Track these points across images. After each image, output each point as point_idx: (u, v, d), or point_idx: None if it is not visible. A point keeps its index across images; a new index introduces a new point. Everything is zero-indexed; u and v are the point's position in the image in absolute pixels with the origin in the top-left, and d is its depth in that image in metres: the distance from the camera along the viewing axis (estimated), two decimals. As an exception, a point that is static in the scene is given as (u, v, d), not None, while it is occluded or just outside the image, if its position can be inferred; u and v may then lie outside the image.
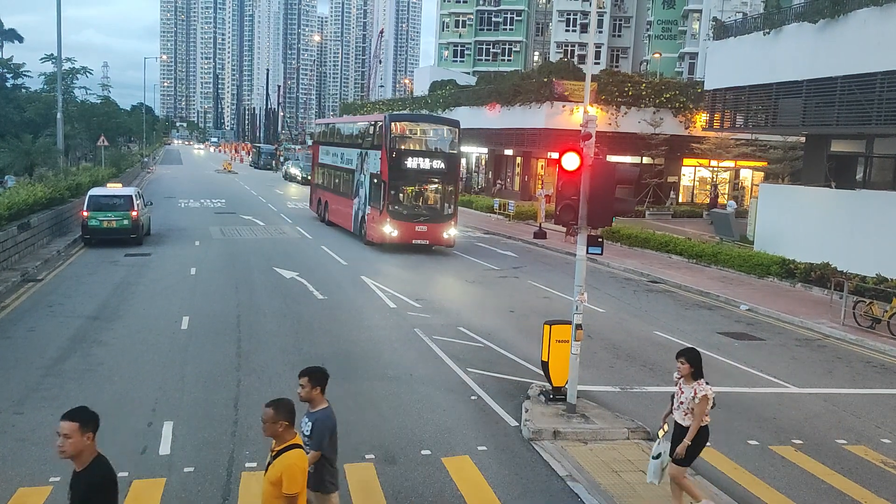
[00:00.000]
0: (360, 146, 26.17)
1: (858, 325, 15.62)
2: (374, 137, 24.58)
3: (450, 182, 23.82)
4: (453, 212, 23.76)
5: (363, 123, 27.80)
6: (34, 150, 34.23)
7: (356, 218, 26.09)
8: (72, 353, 11.71)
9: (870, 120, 19.77)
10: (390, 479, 7.78)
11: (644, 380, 11.72)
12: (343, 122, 34.50)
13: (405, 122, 25.64)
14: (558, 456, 8.48)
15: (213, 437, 8.65)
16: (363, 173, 25.25)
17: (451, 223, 23.59)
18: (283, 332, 13.41)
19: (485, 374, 11.46)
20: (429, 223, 23.25)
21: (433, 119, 29.80)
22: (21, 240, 19.57)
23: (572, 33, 64.75)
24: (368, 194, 24.55)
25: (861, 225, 20.44)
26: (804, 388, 11.85)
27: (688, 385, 7.07)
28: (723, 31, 26.72)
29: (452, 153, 24.02)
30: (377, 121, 24.77)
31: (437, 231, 23.33)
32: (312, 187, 34.39)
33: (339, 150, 29.23)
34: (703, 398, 6.94)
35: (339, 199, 28.69)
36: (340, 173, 28.67)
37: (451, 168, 23.77)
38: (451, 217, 23.65)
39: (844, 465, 8.87)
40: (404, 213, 23.20)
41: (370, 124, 25.77)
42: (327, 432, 5.57)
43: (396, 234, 22.94)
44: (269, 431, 5.01)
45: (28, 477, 7.54)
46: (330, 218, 29.93)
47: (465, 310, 16.04)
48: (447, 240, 23.62)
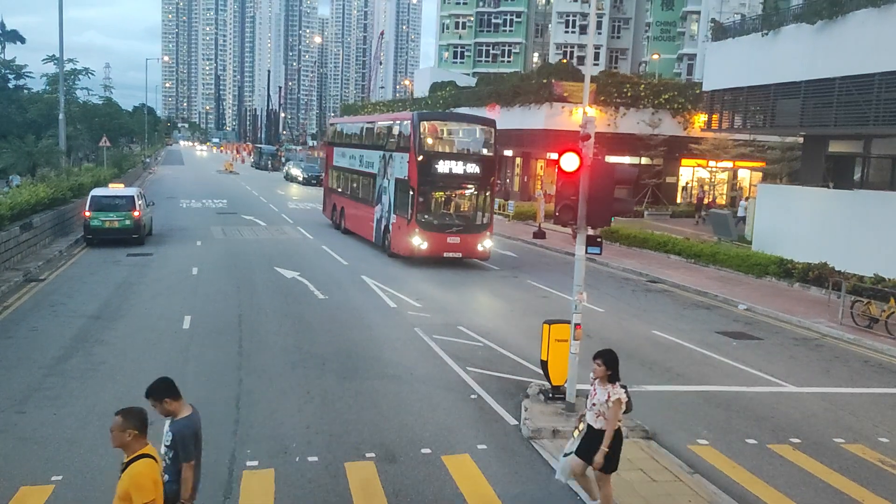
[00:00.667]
0: (382, 148, 23.87)
1: (856, 325, 15.68)
2: (399, 138, 22.33)
3: (485, 188, 21.49)
4: (488, 221, 21.52)
5: (386, 123, 25.06)
6: (36, 150, 34.25)
7: (378, 227, 23.84)
8: (74, 353, 11.78)
9: (868, 120, 19.84)
10: (390, 477, 7.85)
11: (643, 379, 11.78)
12: (362, 121, 31.46)
13: (436, 122, 22.95)
14: (557, 454, 8.53)
15: (214, 435, 8.68)
16: (387, 178, 22.99)
17: (487, 234, 21.37)
18: (284, 332, 13.47)
19: (484, 373, 11.52)
20: (462, 234, 21.05)
21: (466, 118, 26.38)
22: (23, 240, 19.64)
23: (571, 35, 64.80)
24: (393, 202, 22.23)
25: (859, 225, 20.49)
26: (802, 387, 11.91)
27: (602, 387, 6.94)
28: (721, 33, 26.79)
29: (488, 155, 21.55)
30: (403, 120, 22.50)
31: (471, 242, 21.11)
32: (326, 191, 31.79)
33: (357, 153, 26.82)
34: (617, 402, 6.83)
35: (357, 205, 26.31)
36: (359, 177, 26.28)
37: (486, 172, 21.33)
38: (487, 227, 21.42)
39: (842, 463, 8.93)
40: (435, 222, 20.97)
41: (395, 124, 23.48)
42: (190, 440, 5.37)
43: (426, 247, 20.69)
44: (116, 441, 4.80)
45: (30, 476, 7.60)
46: (347, 226, 27.60)
47: (465, 309, 16.11)
48: (482, 252, 21.37)
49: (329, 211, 30.74)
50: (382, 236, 23.36)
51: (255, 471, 7.87)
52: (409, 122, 21.54)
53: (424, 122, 21.65)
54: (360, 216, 25.88)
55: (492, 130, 21.79)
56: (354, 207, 26.74)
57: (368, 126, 27.39)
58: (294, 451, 8.34)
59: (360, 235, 26.15)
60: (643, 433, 9.29)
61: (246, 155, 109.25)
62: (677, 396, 11.04)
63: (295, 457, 8.21)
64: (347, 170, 27.90)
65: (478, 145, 21.94)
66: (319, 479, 7.76)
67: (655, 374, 12.14)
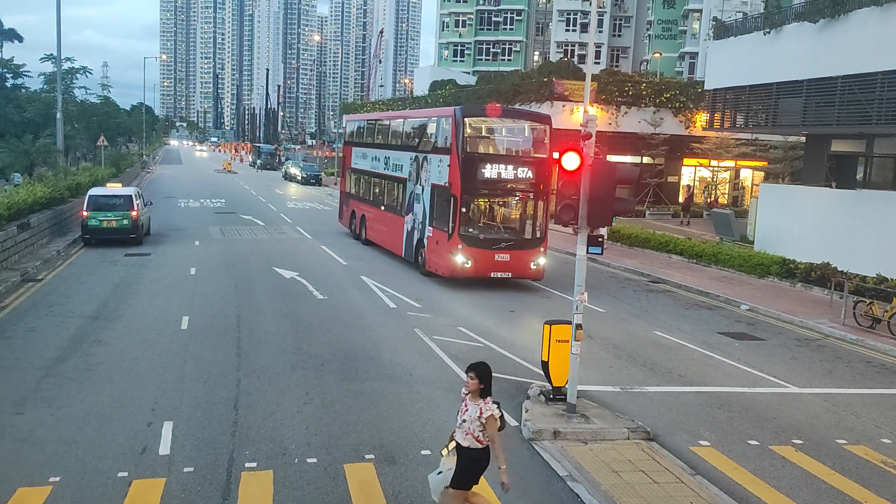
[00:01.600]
0: (414, 149, 20.87)
1: (859, 325, 15.61)
2: (437, 137, 19.44)
3: (539, 195, 18.36)
4: (543, 234, 18.52)
5: (419, 120, 22.09)
6: (34, 150, 34.19)
7: (409, 240, 20.79)
8: (71, 353, 11.70)
9: (870, 120, 19.76)
10: (390, 479, 7.78)
11: (644, 380, 11.72)
12: (387, 117, 27.32)
13: (482, 117, 19.68)
14: (558, 456, 8.48)
15: (212, 437, 8.65)
16: (420, 184, 20.01)
17: (540, 249, 18.40)
18: (282, 332, 13.40)
19: (485, 373, 11.43)
20: (512, 250, 18.03)
21: (518, 113, 22.45)
22: (21, 240, 19.56)
23: (572, 33, 64.73)
24: (429, 211, 19.23)
25: (861, 225, 20.42)
26: (804, 388, 11.84)
27: (474, 403, 6.42)
28: (723, 31, 26.71)
29: (542, 157, 18.39)
30: (442, 115, 19.49)
31: (523, 260, 18.07)
32: (343, 197, 28.42)
33: (382, 154, 23.69)
34: (491, 419, 6.33)
35: (382, 214, 23.37)
36: (384, 182, 23.29)
37: (540, 177, 18.24)
38: (541, 241, 18.45)
39: (845, 465, 8.87)
40: (481, 237, 18.08)
41: (431, 120, 20.55)
42: None
43: (471, 266, 17.74)
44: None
45: (28, 477, 7.53)
46: (369, 236, 24.70)
47: (465, 309, 16.04)
48: (534, 271, 18.31)
49: (347, 219, 27.61)
50: (415, 251, 20.35)
51: (253, 472, 7.80)
52: (449, 118, 18.56)
53: (469, 119, 18.55)
54: (386, 226, 23.02)
55: (546, 128, 18.68)
56: (378, 216, 23.89)
57: (396, 123, 24.09)
58: (293, 453, 8.28)
59: (384, 248, 23.38)
60: (644, 434, 9.22)
61: (244, 154, 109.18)
62: (679, 397, 10.97)
63: (294, 458, 8.14)
64: (370, 173, 24.93)
65: (531, 145, 19.06)
66: (318, 480, 7.69)
67: (657, 374, 12.07)
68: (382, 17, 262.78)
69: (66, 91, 40.86)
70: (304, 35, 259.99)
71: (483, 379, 6.45)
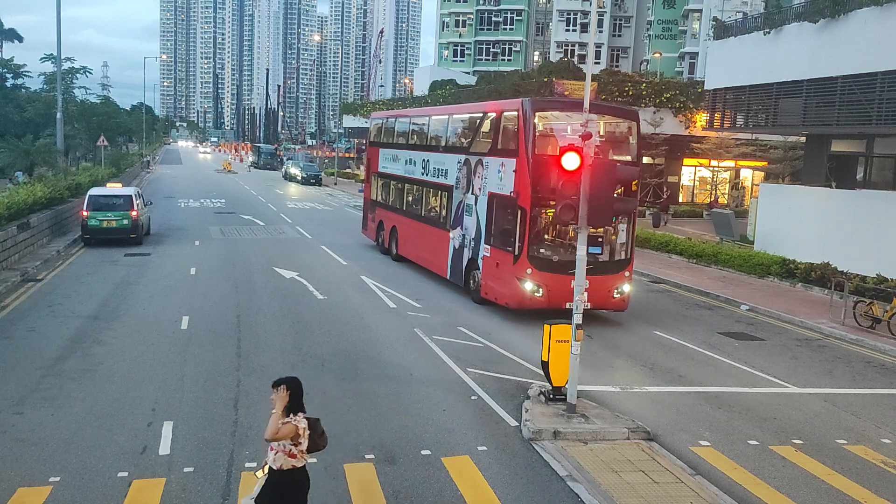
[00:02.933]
0: (464, 150, 17.74)
1: (859, 325, 15.61)
2: (497, 137, 16.14)
3: (626, 207, 14.92)
4: (629, 256, 15.42)
5: (470, 115, 18.82)
6: (34, 149, 34.18)
7: (457, 260, 17.57)
8: (71, 353, 11.70)
9: (870, 120, 19.75)
10: (390, 479, 7.78)
11: (644, 380, 11.72)
12: (427, 113, 23.62)
13: (558, 112, 16.20)
14: (558, 456, 8.48)
15: (212, 437, 8.65)
16: (472, 193, 16.83)
17: (626, 274, 15.26)
18: (282, 332, 13.40)
19: (485, 373, 11.45)
20: (592, 275, 13.31)
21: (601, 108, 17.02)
22: (21, 240, 19.56)
23: (572, 33, 64.73)
24: (486, 226, 16.07)
25: (861, 225, 20.42)
26: (804, 388, 11.84)
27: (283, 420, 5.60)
28: (723, 31, 26.70)
29: (631, 162, 15.36)
30: (506, 110, 16.10)
31: (605, 287, 14.66)
32: (368, 204, 25.07)
33: (420, 156, 20.39)
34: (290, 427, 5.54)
35: (420, 227, 20.18)
36: (423, 190, 20.25)
37: (628, 186, 15.08)
38: (626, 264, 15.32)
39: (845, 465, 8.86)
40: (555, 260, 14.75)
41: (487, 116, 17.18)
42: None
43: (542, 295, 14.56)
44: None
45: (28, 477, 7.53)
46: (402, 252, 21.56)
47: (465, 309, 16.03)
48: (617, 301, 15.15)
49: (373, 231, 24.26)
50: (465, 274, 17.10)
51: (253, 472, 7.79)
52: (515, 112, 15.38)
53: (542, 113, 15.42)
54: (424, 242, 19.81)
55: (633, 125, 15.74)
56: (414, 229, 20.66)
57: (439, 120, 20.45)
58: (293, 453, 8.26)
59: (421, 266, 20.24)
60: (644, 434, 9.22)
61: (244, 154, 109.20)
62: (679, 397, 10.97)
63: (294, 458, 8.13)
64: (403, 178, 21.71)
65: (618, 147, 15.89)
66: (318, 480, 7.66)
67: (657, 374, 12.07)
68: (382, 16, 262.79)
69: (66, 91, 40.87)
70: (305, 35, 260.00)
71: (294, 394, 5.61)
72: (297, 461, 5.63)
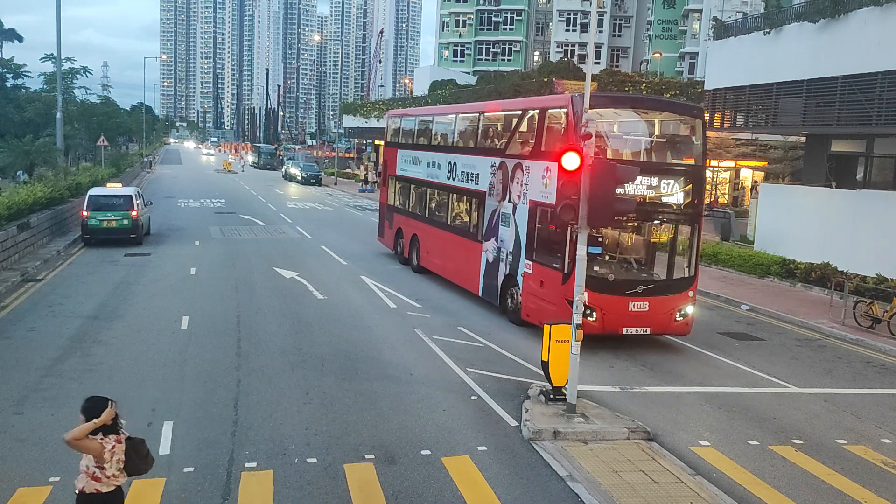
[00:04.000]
0: (499, 152, 15.94)
1: (859, 325, 15.61)
2: (541, 138, 14.09)
3: (690, 217, 13.38)
4: (694, 273, 13.59)
5: (506, 113, 16.82)
6: (34, 150, 34.23)
7: (490, 275, 15.79)
8: (71, 353, 11.70)
9: (870, 120, 19.75)
10: (390, 479, 7.77)
11: (644, 380, 11.72)
12: (453, 111, 21.13)
13: (613, 109, 14.14)
14: (558, 456, 8.47)
15: (212, 437, 8.64)
16: (509, 200, 14.96)
17: (689, 294, 13.46)
18: (282, 332, 13.40)
19: (485, 373, 11.45)
20: (652, 296, 13.04)
21: (661, 104, 16.23)
22: (21, 240, 19.56)
23: (572, 33, 64.71)
24: (526, 240, 14.18)
25: (861, 225, 20.42)
26: (804, 388, 11.84)
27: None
28: (723, 31, 26.71)
29: (695, 165, 13.49)
30: (552, 106, 14.35)
31: (666, 309, 13.14)
32: (385, 210, 23.14)
33: (445, 158, 18.50)
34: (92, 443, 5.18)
35: (446, 236, 18.38)
36: (449, 196, 18.48)
37: (693, 192, 13.24)
38: (690, 283, 13.53)
39: (845, 465, 8.86)
40: (611, 278, 13.05)
41: (529, 113, 15.29)
42: None
43: (596, 319, 12.71)
44: None
45: (27, 477, 7.53)
46: (424, 263, 19.75)
47: (465, 309, 16.02)
48: (680, 324, 13.41)
49: (391, 239, 22.48)
50: (500, 291, 15.32)
51: (253, 472, 7.80)
52: (563, 109, 13.42)
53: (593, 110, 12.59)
54: (451, 253, 18.00)
55: (698, 124, 13.77)
56: (438, 239, 18.92)
57: (468, 119, 18.48)
58: (293, 453, 8.27)
59: (447, 279, 18.44)
60: (644, 434, 9.22)
61: (244, 154, 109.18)
62: (679, 397, 10.97)
63: (294, 458, 8.14)
64: (425, 183, 19.80)
65: (681, 147, 14.02)
66: (318, 480, 7.69)
67: (657, 374, 12.06)
68: (382, 17, 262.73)
69: (66, 91, 40.90)
70: (305, 35, 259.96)
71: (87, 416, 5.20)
72: (102, 485, 5.25)
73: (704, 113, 14.36)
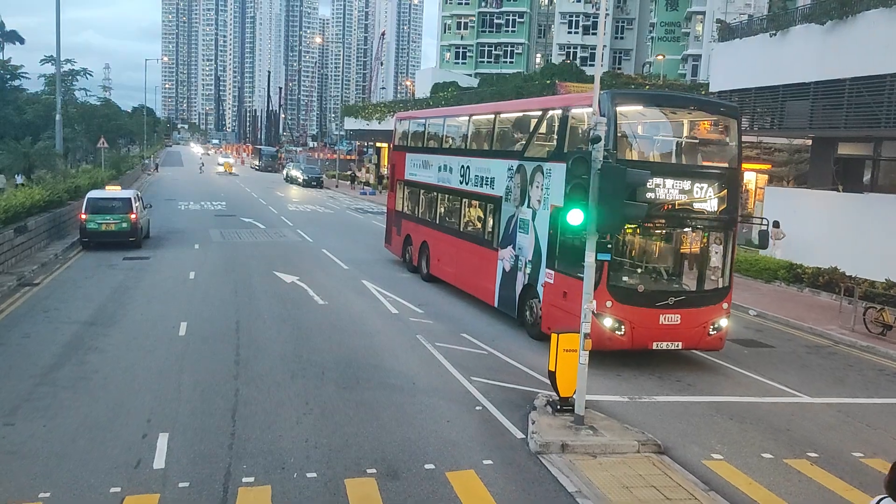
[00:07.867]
0: (517, 155, 15.03)
1: (869, 332, 15.33)
2: (564, 139, 13.25)
3: (724, 224, 12.56)
4: (728, 284, 12.70)
5: (524, 113, 16.12)
6: (33, 152, 33.97)
7: (507, 285, 14.89)
8: (66, 361, 11.44)
9: (878, 122, 19.48)
10: (392, 494, 7.49)
11: (653, 389, 11.43)
12: (466, 112, 19.98)
13: (644, 108, 13.29)
14: (567, 471, 8.18)
15: (209, 449, 8.37)
16: (528, 205, 14.07)
17: (723, 306, 12.62)
18: (282, 339, 13.13)
19: (489, 382, 11.16)
20: (684, 308, 12.20)
21: (694, 103, 14.35)
22: (18, 243, 19.30)
23: (574, 35, 64.50)
24: (547, 248, 13.35)
25: (869, 229, 20.14)
26: (816, 397, 11.56)
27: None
28: (728, 33, 26.47)
29: (729, 169, 12.71)
30: (574, 105, 13.37)
31: (699, 322, 12.35)
32: (393, 216, 22.09)
33: (458, 162, 17.63)
34: None
35: (458, 244, 17.54)
36: (462, 200, 17.55)
37: (728, 197, 12.47)
38: (724, 294, 12.66)
39: (863, 479, 8.57)
40: (641, 290, 12.15)
41: (550, 112, 14.48)
42: None
43: (624, 333, 12.01)
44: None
45: (17, 492, 7.26)
46: (435, 272, 18.84)
47: (468, 315, 15.75)
48: (713, 339, 12.58)
49: (399, 246, 21.47)
50: (518, 302, 14.45)
51: (251, 487, 7.52)
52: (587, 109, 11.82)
53: (624, 109, 12.31)
54: (464, 261, 17.15)
55: (734, 124, 12.95)
56: (451, 246, 17.99)
57: (483, 119, 17.71)
58: (292, 467, 8.00)
59: (459, 289, 17.59)
60: (655, 447, 8.92)
61: (246, 156, 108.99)
62: (689, 408, 10.68)
63: (293, 472, 7.86)
64: (436, 187, 18.90)
65: (715, 150, 13.23)
66: (318, 496, 7.42)
67: (666, 384, 11.78)
68: (384, 19, 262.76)
69: (66, 93, 40.74)
70: (306, 37, 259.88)
71: None
72: None
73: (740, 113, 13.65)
